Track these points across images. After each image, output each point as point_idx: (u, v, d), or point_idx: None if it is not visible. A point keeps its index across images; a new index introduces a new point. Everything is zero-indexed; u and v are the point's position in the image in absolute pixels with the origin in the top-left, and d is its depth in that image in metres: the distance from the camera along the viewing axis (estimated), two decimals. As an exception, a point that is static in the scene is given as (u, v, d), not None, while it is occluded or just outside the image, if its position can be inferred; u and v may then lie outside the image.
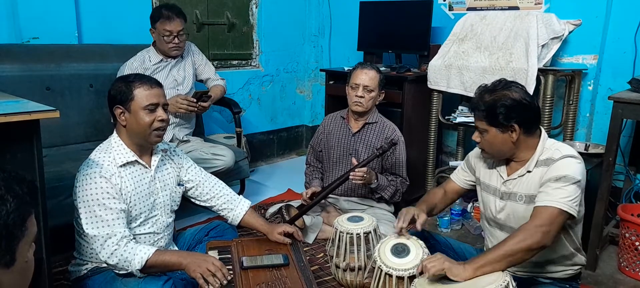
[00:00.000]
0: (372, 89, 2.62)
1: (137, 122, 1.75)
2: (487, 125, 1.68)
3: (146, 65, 2.82)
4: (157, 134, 1.79)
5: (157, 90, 1.79)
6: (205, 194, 2.02)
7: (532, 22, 2.72)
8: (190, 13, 3.57)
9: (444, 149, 3.70)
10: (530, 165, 1.70)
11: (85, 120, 2.88)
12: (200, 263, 1.68)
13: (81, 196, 1.70)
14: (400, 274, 1.70)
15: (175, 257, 1.74)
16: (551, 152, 1.67)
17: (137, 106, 1.74)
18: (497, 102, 1.64)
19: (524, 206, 1.70)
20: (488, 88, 1.70)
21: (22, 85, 2.60)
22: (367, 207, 2.72)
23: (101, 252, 1.68)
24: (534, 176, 1.68)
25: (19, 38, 2.81)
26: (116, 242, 1.68)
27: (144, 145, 1.82)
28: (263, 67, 4.23)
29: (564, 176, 1.58)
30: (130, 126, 1.77)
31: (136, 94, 1.74)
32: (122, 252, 1.67)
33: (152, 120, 1.75)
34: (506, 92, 1.66)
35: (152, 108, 1.76)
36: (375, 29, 3.61)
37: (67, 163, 2.43)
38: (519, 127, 1.65)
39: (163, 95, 1.82)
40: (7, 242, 0.79)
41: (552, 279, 1.77)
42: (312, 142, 2.94)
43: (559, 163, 1.62)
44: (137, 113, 1.74)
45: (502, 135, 1.67)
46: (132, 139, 1.79)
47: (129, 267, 1.68)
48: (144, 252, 1.69)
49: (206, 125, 3.52)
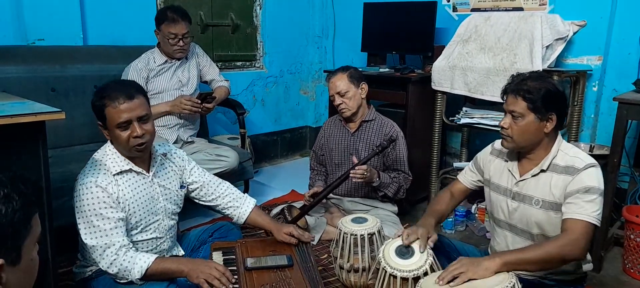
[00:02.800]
0: (347, 90, 2.63)
1: (115, 138, 1.71)
2: (527, 110, 1.65)
3: (151, 66, 2.83)
4: (137, 149, 1.72)
5: (128, 104, 1.66)
6: (210, 194, 2.01)
7: (536, 23, 2.72)
8: (194, 14, 3.58)
9: (448, 150, 3.69)
10: (544, 165, 1.69)
11: (89, 121, 2.85)
12: (203, 269, 1.66)
13: (78, 206, 1.68)
14: (405, 275, 1.69)
15: (175, 264, 1.72)
16: (570, 159, 1.66)
17: (110, 125, 1.69)
18: (543, 88, 1.63)
19: (541, 211, 1.69)
20: (529, 75, 1.70)
21: (27, 86, 2.62)
22: (370, 207, 2.72)
23: (101, 262, 1.67)
24: (552, 180, 1.67)
25: (25, 39, 2.82)
26: (115, 252, 1.66)
27: (133, 156, 1.77)
28: (267, 68, 4.23)
29: (591, 187, 1.59)
30: (113, 141, 1.74)
31: (107, 112, 1.67)
32: (121, 261, 1.66)
33: (127, 137, 1.68)
34: (551, 81, 1.67)
35: (125, 125, 1.68)
36: (379, 30, 3.61)
37: (72, 164, 2.44)
38: (556, 118, 1.65)
39: (138, 107, 1.69)
40: (13, 240, 0.79)
41: (557, 281, 1.77)
42: (314, 147, 2.95)
43: (584, 174, 1.61)
44: (113, 131, 1.69)
45: (537, 124, 1.65)
46: (121, 150, 1.75)
47: (129, 275, 1.66)
48: (144, 260, 1.67)
49: (210, 126, 3.53)
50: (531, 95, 1.64)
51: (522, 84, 1.67)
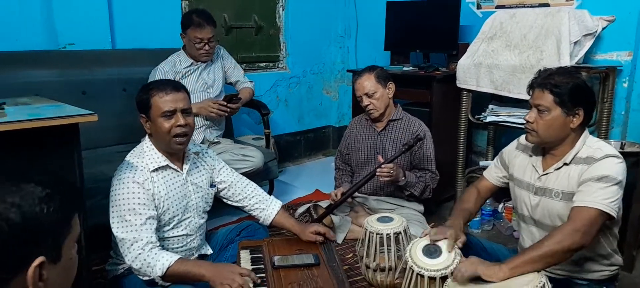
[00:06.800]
0: (374, 91, 2.61)
1: (157, 129, 1.77)
2: (554, 104, 1.63)
3: (177, 69, 2.88)
4: (177, 141, 1.77)
5: (174, 95, 1.76)
6: (237, 195, 2.04)
7: (563, 19, 2.67)
8: (218, 16, 3.62)
9: (473, 149, 3.65)
10: (567, 158, 1.67)
11: (118, 123, 2.94)
12: (227, 275, 1.62)
13: (114, 200, 1.73)
14: (432, 275, 1.68)
15: (197, 267, 1.70)
16: (592, 151, 1.64)
17: (155, 114, 1.75)
18: (571, 83, 1.62)
19: (561, 203, 1.67)
20: (556, 70, 1.69)
21: (59, 89, 2.68)
22: (396, 206, 2.71)
23: (127, 255, 1.71)
24: (571, 172, 1.65)
25: (56, 44, 2.90)
26: (141, 246, 1.69)
27: (170, 151, 1.83)
28: (290, 68, 4.26)
29: (606, 176, 1.55)
30: (154, 133, 1.80)
31: (153, 102, 1.75)
32: (145, 257, 1.68)
33: (170, 126, 1.75)
34: (579, 76, 1.66)
35: (169, 115, 1.75)
36: (402, 28, 3.60)
37: (102, 165, 2.49)
38: (583, 113, 1.63)
39: (182, 100, 1.78)
40: (54, 239, 0.82)
41: (588, 280, 1.74)
42: (339, 146, 2.95)
43: (600, 163, 1.59)
44: (156, 121, 1.76)
45: (564, 119, 1.64)
46: (159, 145, 1.81)
47: (151, 273, 1.68)
48: (167, 258, 1.68)
49: (235, 127, 3.57)
50: (558, 89, 1.62)
51: (550, 78, 1.66)
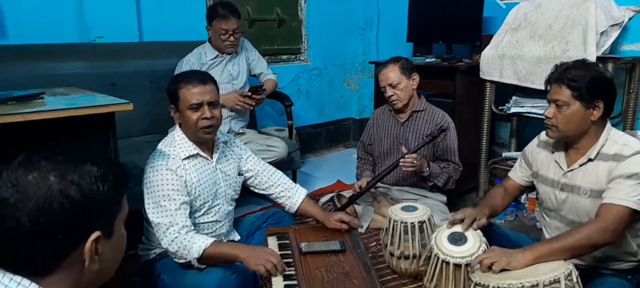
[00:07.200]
0: (399, 81, 2.61)
1: (185, 120, 1.82)
2: (572, 98, 1.63)
3: (203, 61, 2.93)
4: (204, 131, 1.82)
5: (201, 88, 1.79)
6: (264, 183, 2.09)
7: (590, 9, 2.64)
8: (241, 10, 3.63)
9: (497, 140, 3.64)
10: (592, 154, 1.67)
11: (146, 114, 3.02)
12: (261, 255, 1.69)
13: (148, 186, 1.79)
14: (458, 262, 1.71)
15: (232, 249, 1.77)
16: (619, 147, 1.63)
17: (183, 106, 1.80)
18: (588, 76, 1.61)
19: (590, 200, 1.67)
20: (573, 64, 1.67)
21: (89, 81, 2.75)
22: (419, 196, 2.72)
23: (163, 239, 1.76)
24: (599, 169, 1.65)
25: (86, 37, 2.99)
26: (177, 230, 1.75)
27: (199, 141, 1.88)
28: (311, 61, 4.29)
29: (636, 173, 1.55)
30: (183, 124, 1.85)
31: (181, 94, 1.79)
32: (182, 240, 1.74)
33: (197, 118, 1.79)
34: (596, 68, 1.65)
35: (196, 107, 1.78)
36: (424, 19, 3.59)
37: (133, 154, 2.56)
38: (603, 106, 1.62)
39: (209, 92, 1.81)
40: (108, 216, 0.88)
41: (614, 270, 1.74)
42: (362, 137, 2.97)
43: (630, 160, 1.58)
44: (184, 112, 1.80)
45: (583, 112, 1.63)
46: (189, 135, 1.86)
47: (188, 255, 1.74)
48: (203, 241, 1.74)
49: (258, 118, 3.62)
50: (576, 83, 1.62)
51: (566, 72, 1.65)
